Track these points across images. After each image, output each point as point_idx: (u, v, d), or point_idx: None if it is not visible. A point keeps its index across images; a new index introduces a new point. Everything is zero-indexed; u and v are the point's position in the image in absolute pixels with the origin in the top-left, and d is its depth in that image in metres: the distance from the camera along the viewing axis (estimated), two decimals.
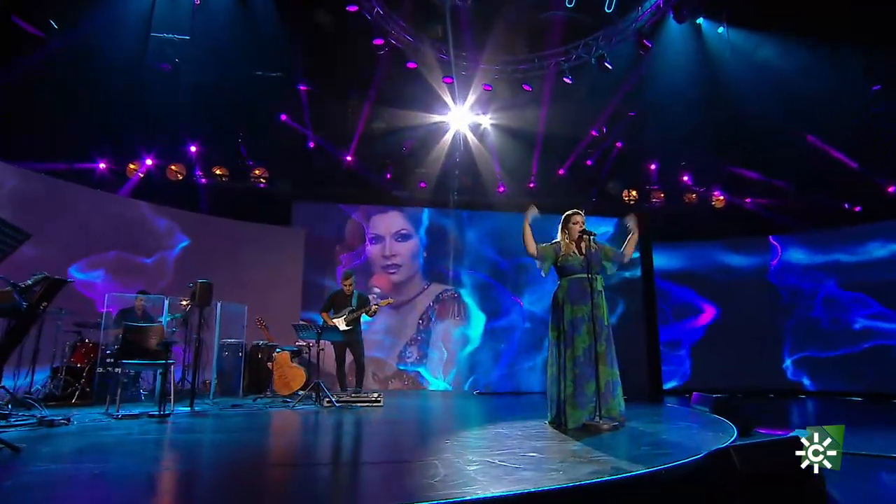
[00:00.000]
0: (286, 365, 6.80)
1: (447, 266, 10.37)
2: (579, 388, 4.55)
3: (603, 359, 4.66)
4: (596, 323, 4.65)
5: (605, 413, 4.56)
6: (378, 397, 6.17)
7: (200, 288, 5.83)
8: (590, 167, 11.21)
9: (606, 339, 4.73)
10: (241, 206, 9.62)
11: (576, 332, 4.64)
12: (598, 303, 4.75)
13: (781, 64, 9.14)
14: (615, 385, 4.69)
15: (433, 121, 10.00)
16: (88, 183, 8.14)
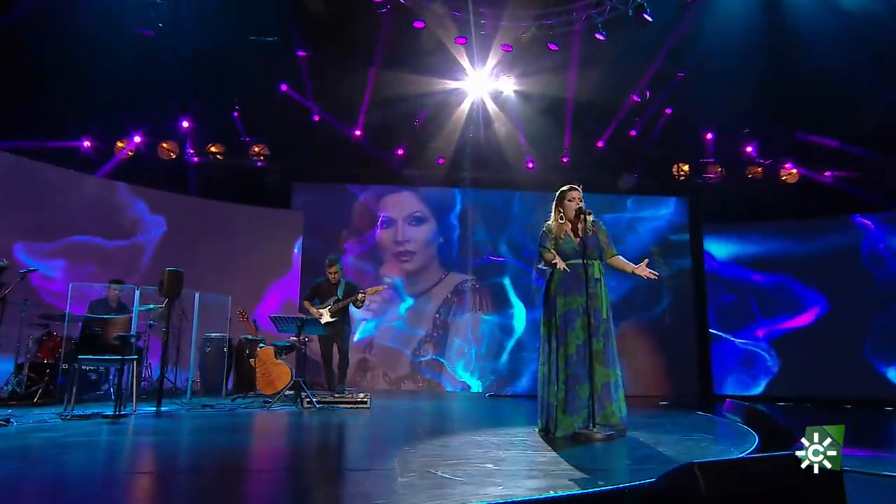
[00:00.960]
0: (270, 362, 6.93)
1: (469, 252, 10.33)
2: (572, 392, 4.46)
3: (599, 357, 4.56)
4: (592, 316, 4.55)
5: (602, 420, 4.47)
6: (364, 398, 6.24)
7: (169, 277, 5.98)
8: (633, 138, 10.91)
9: (605, 334, 4.62)
10: (234, 187, 9.83)
11: (569, 326, 4.55)
12: (594, 293, 4.64)
13: (872, 6, 8.58)
14: (614, 388, 4.58)
15: (448, 87, 9.92)
16: (64, 162, 8.46)
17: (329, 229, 10.32)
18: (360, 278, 9.90)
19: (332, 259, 7.05)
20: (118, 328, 5.63)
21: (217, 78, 9.43)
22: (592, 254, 4.75)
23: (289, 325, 6.36)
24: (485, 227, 10.41)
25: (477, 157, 10.40)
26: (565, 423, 4.40)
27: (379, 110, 10.12)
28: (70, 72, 8.19)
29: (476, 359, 9.84)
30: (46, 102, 8.31)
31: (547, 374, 4.62)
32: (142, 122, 9.72)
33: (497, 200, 10.53)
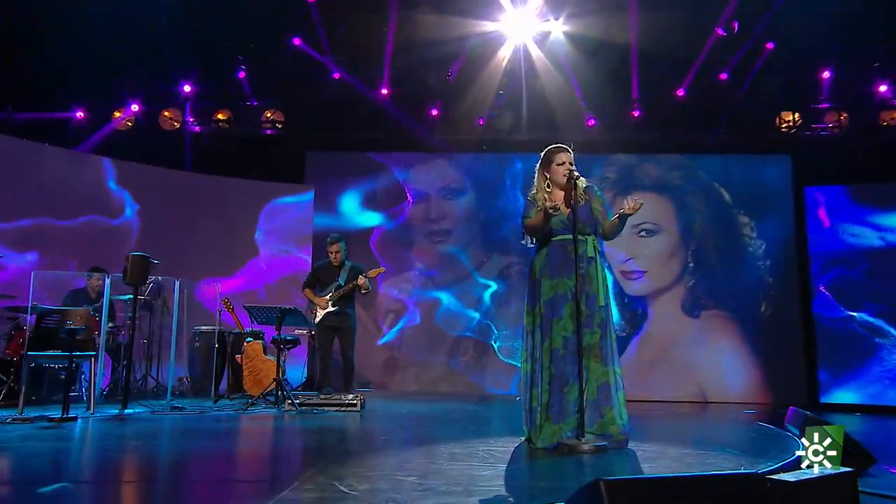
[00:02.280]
0: (258, 358, 7.16)
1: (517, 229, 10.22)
2: (556, 395, 4.39)
3: (595, 352, 4.49)
4: (584, 303, 4.45)
5: (599, 429, 4.39)
6: (354, 400, 6.35)
7: (132, 262, 6.29)
8: (724, 83, 10.37)
9: (601, 324, 4.54)
10: (237, 158, 10.17)
11: (555, 315, 4.48)
12: (588, 274, 4.56)
13: None
14: (613, 390, 4.48)
15: (485, 29, 9.79)
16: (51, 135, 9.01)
17: (348, 206, 10.48)
18: (389, 263, 10.04)
19: (333, 237, 7.17)
20: (78, 321, 6.00)
21: (218, 32, 9.78)
22: (585, 228, 4.65)
23: (267, 316, 6.55)
24: None
25: (524, 115, 10.22)
26: (548, 431, 4.34)
27: (406, 63, 10.14)
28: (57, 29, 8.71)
29: None
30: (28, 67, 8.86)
31: (530, 373, 4.56)
32: (139, 88, 10.22)
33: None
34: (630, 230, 9.75)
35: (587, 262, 4.58)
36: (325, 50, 10.26)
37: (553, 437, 4.32)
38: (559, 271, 4.52)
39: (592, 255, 4.63)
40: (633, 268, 9.92)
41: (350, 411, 6.25)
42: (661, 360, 9.64)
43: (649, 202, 9.88)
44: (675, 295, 9.81)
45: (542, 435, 4.33)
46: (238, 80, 10.31)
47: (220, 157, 10.19)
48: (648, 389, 9.35)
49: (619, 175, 10.17)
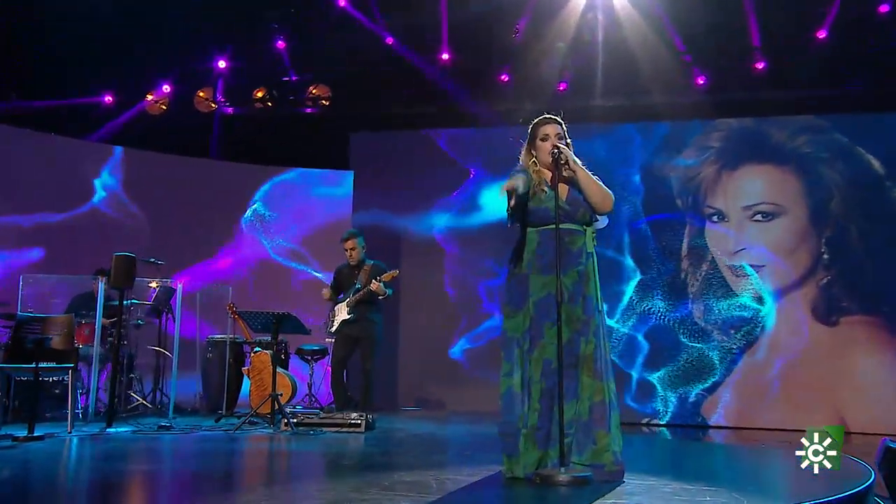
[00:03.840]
0: (266, 371, 7.42)
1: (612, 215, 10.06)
2: (547, 414, 4.37)
3: (588, 365, 4.42)
4: (582, 305, 4.43)
5: (590, 458, 4.34)
6: (357, 419, 6.55)
7: (116, 264, 6.78)
8: (884, 17, 9.73)
9: (596, 332, 4.47)
10: (270, 143, 10.67)
11: (546, 319, 4.45)
12: (584, 272, 4.49)
13: None
14: (609, 410, 4.40)
15: None
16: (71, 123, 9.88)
17: (398, 193, 10.68)
18: (455, 264, 10.22)
19: (348, 233, 7.46)
20: (57, 330, 6.57)
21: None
22: (582, 215, 4.58)
23: (261, 322, 6.90)
24: (634, 177, 10.03)
25: (612, 76, 10.02)
26: (532, 458, 4.31)
27: (465, 19, 10.23)
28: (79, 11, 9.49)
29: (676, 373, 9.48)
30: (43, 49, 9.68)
31: (515, 388, 4.53)
32: (170, 66, 10.91)
33: (648, 136, 10.09)
34: (740, 213, 9.42)
35: (585, 258, 4.52)
36: (377, 17, 10.55)
37: (533, 466, 4.33)
38: (549, 268, 4.46)
39: (591, 251, 4.56)
40: (744, 261, 9.42)
41: (352, 432, 6.45)
42: (785, 379, 9.10)
43: (766, 176, 9.49)
44: (803, 296, 9.23)
45: (524, 462, 4.32)
46: (277, 52, 10.82)
47: (251, 142, 10.75)
48: (764, 416, 8.93)
49: (726, 144, 9.70)
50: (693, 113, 9.84)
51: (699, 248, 9.56)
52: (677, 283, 9.62)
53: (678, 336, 9.50)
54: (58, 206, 9.40)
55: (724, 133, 9.77)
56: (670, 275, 9.65)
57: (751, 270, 9.40)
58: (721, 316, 9.38)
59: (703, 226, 9.60)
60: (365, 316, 7.24)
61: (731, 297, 9.44)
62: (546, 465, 4.30)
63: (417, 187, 10.73)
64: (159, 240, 9.44)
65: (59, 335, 6.63)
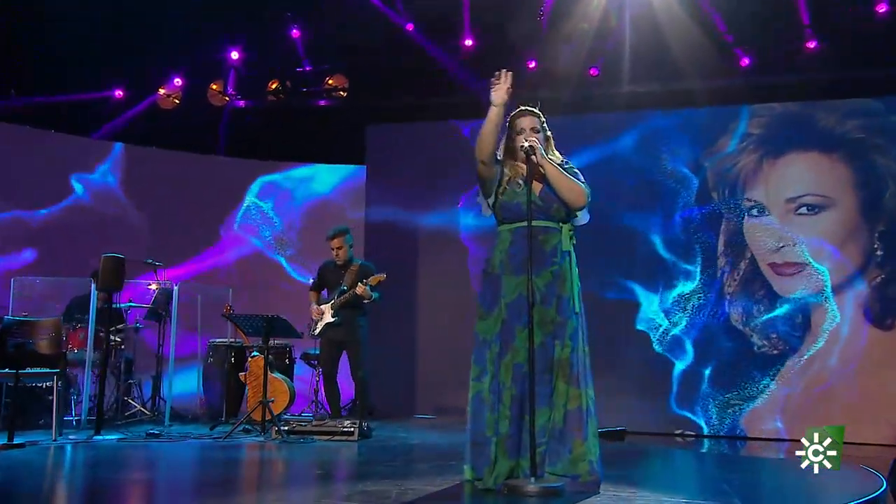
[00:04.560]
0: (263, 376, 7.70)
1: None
2: (517, 422, 4.45)
3: (564, 370, 4.50)
4: (556, 307, 4.50)
5: (565, 468, 4.45)
6: (350, 427, 6.69)
7: (104, 265, 7.00)
8: None
9: (573, 335, 4.56)
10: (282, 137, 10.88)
11: (519, 321, 4.53)
12: (562, 271, 4.56)
13: None
14: (585, 417, 4.49)
15: None
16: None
17: (417, 188, 10.74)
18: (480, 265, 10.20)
19: (335, 230, 7.54)
20: (44, 334, 6.85)
21: None
22: (556, 211, 4.65)
23: (252, 325, 7.08)
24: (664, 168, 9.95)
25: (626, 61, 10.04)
26: (503, 468, 4.41)
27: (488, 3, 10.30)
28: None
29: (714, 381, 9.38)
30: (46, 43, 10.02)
31: (484, 393, 4.63)
32: (182, 59, 11.18)
33: (680, 123, 10.01)
34: (783, 205, 9.23)
35: (561, 257, 4.60)
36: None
37: (503, 476, 4.40)
38: (522, 268, 4.54)
39: (568, 249, 4.62)
40: (788, 258, 9.20)
41: (345, 441, 6.61)
42: (833, 387, 8.84)
43: (812, 165, 9.25)
44: (854, 297, 8.96)
45: (496, 472, 4.41)
46: (291, 41, 11.01)
47: (260, 137, 11.02)
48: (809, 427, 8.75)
49: (767, 130, 9.47)
50: (730, 97, 9.69)
51: (737, 245, 9.37)
52: (713, 284, 9.49)
53: (714, 341, 9.36)
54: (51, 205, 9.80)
55: (765, 118, 9.53)
56: (705, 274, 9.52)
57: (798, 268, 9.30)
58: (762, 319, 9.18)
59: (741, 220, 9.42)
60: (350, 319, 7.37)
61: (772, 299, 9.23)
62: (518, 475, 4.38)
63: (439, 182, 10.66)
64: (160, 240, 9.72)
65: (45, 339, 6.93)
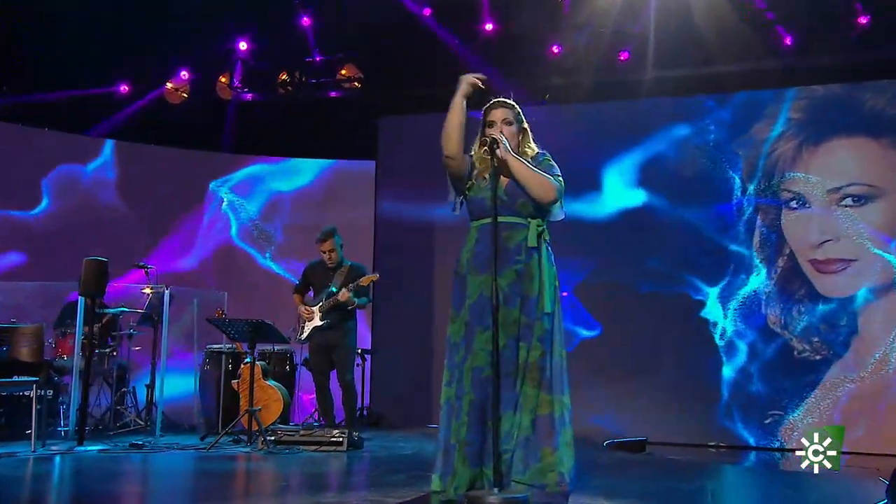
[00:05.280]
0: (257, 385, 7.54)
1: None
2: (476, 427, 4.46)
3: (532, 374, 4.49)
4: (521, 307, 4.50)
5: (533, 476, 4.43)
6: (339, 436, 6.80)
7: (86, 269, 7.13)
8: None
9: (544, 338, 4.52)
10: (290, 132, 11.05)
11: (479, 323, 4.54)
12: (528, 270, 4.56)
13: None
14: (558, 425, 4.46)
15: None
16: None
17: (431, 183, 10.69)
18: None
19: (324, 233, 7.63)
20: (26, 341, 7.06)
21: None
22: (523, 206, 4.65)
23: (237, 330, 7.20)
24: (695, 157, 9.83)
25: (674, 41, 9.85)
26: (463, 477, 4.42)
27: None
28: None
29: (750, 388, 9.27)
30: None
31: (452, 399, 4.65)
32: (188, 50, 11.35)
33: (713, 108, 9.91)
34: (825, 196, 9.06)
35: (526, 255, 4.57)
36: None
37: (468, 485, 4.43)
38: (485, 266, 4.56)
39: (535, 245, 4.59)
40: (831, 254, 9.10)
41: (333, 451, 6.74)
42: (880, 395, 8.77)
43: (858, 151, 9.12)
44: None
45: (456, 482, 4.43)
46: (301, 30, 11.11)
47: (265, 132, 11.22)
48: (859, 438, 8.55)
49: (808, 114, 9.36)
50: (765, 80, 9.60)
51: (774, 240, 9.28)
52: (747, 284, 9.40)
53: (749, 346, 9.28)
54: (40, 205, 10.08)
55: (805, 102, 9.42)
56: (739, 272, 9.44)
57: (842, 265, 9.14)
58: (801, 321, 9.07)
59: (779, 213, 9.34)
60: (339, 323, 7.49)
61: (814, 299, 9.10)
62: (483, 484, 4.39)
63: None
64: (151, 240, 9.97)
65: (27, 347, 7.14)
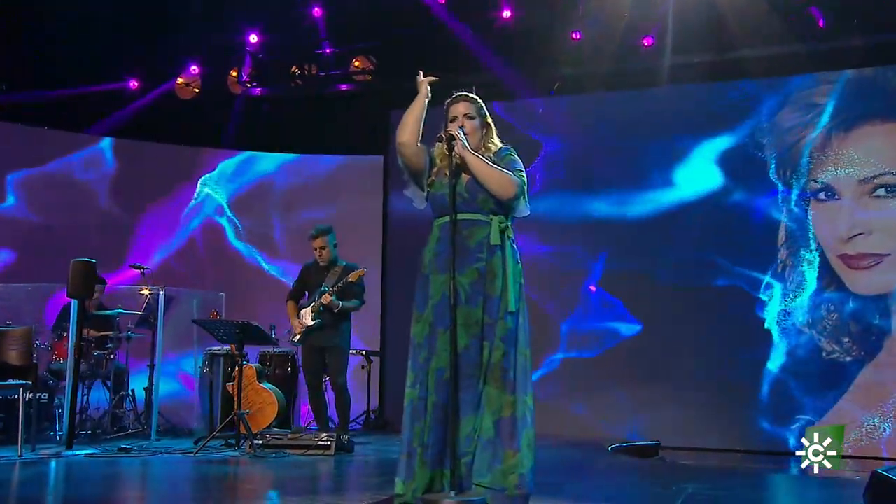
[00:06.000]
0: (251, 387, 7.77)
1: None
2: (437, 429, 4.50)
3: (495, 375, 4.52)
4: (483, 307, 4.55)
5: (494, 480, 4.45)
6: (327, 440, 6.91)
7: (73, 271, 7.20)
8: None
9: (506, 338, 4.56)
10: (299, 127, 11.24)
11: (441, 324, 4.58)
12: (490, 268, 4.59)
13: None
14: (520, 427, 4.48)
15: None
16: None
17: None
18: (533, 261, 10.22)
19: (317, 230, 7.72)
20: (14, 344, 7.23)
21: None
22: (484, 202, 4.66)
23: (225, 332, 7.32)
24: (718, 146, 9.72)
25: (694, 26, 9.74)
26: (422, 480, 4.46)
27: None
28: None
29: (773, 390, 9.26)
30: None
31: (415, 401, 4.69)
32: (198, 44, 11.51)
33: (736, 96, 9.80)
34: (856, 187, 8.95)
35: (488, 252, 4.58)
36: None
37: (425, 488, 4.46)
38: (446, 265, 4.57)
39: (498, 243, 4.60)
40: (862, 249, 8.93)
41: (320, 455, 6.84)
42: None
43: (892, 139, 8.99)
44: None
45: (415, 484, 4.47)
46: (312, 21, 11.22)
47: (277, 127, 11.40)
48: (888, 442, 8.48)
49: (837, 100, 9.24)
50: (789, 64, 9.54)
51: (801, 234, 9.18)
52: (772, 278, 9.31)
53: (773, 345, 9.21)
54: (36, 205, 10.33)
55: (833, 86, 9.30)
56: (763, 268, 9.36)
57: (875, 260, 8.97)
58: (830, 319, 8.97)
59: (805, 205, 9.25)
60: (331, 323, 7.56)
61: (844, 297, 9.00)
62: (443, 487, 4.43)
63: None
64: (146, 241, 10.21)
65: (15, 350, 7.29)
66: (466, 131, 4.66)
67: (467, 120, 4.75)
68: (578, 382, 10.11)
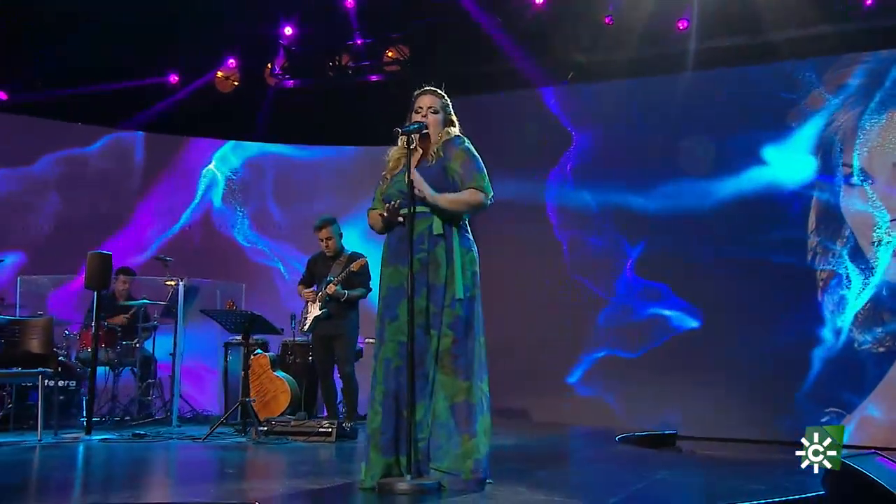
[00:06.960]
0: (265, 375, 8.24)
1: None
2: (389, 417, 4.80)
3: (446, 362, 4.82)
4: (427, 296, 4.82)
5: (451, 464, 4.72)
6: (328, 427, 7.25)
7: (90, 263, 7.70)
8: None
9: (455, 324, 4.85)
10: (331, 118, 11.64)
11: (388, 314, 4.91)
12: (433, 258, 4.88)
13: None
14: (475, 412, 4.76)
15: None
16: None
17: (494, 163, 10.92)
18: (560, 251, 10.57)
19: (321, 221, 8.06)
20: (35, 333, 7.80)
21: None
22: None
23: (233, 322, 7.74)
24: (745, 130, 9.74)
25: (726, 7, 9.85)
26: (377, 467, 4.75)
27: None
28: None
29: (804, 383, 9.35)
30: None
31: (372, 390, 5.04)
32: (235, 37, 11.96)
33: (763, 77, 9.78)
34: (891, 170, 8.96)
35: (430, 243, 4.84)
36: None
37: (382, 474, 4.76)
38: (398, 257, 4.86)
39: (440, 232, 4.84)
40: None
41: (321, 442, 7.19)
42: None
43: None
44: None
45: (372, 471, 4.74)
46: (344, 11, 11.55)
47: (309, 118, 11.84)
48: None
49: (871, 80, 9.21)
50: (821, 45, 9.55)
51: (832, 220, 9.20)
52: (801, 266, 9.35)
53: (803, 336, 9.23)
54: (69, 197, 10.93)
55: (868, 66, 9.26)
56: (792, 255, 9.39)
57: None
58: (864, 311, 8.98)
59: (837, 189, 9.24)
60: (338, 312, 7.89)
61: (876, 285, 8.99)
62: (400, 472, 4.74)
63: (507, 157, 10.71)
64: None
65: (36, 339, 7.87)
66: (429, 123, 4.96)
67: (431, 113, 5.01)
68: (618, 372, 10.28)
